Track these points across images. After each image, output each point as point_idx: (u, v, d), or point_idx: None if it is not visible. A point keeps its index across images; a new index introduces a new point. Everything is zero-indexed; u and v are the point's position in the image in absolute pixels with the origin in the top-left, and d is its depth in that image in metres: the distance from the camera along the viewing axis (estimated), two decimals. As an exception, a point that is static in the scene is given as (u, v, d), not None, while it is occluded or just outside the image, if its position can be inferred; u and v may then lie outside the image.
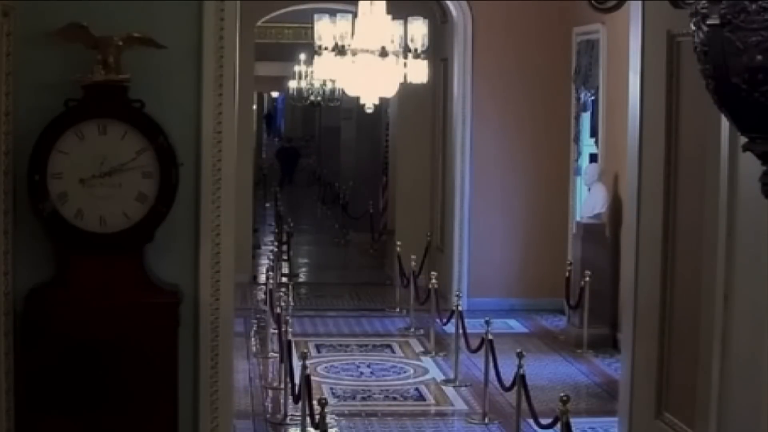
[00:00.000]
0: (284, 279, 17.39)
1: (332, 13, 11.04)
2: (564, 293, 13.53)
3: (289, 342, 10.39)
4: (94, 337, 6.23)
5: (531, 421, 9.10)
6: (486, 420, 10.36)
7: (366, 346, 13.10)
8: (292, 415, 10.33)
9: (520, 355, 9.19)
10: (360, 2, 10.81)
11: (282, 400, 10.69)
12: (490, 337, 10.47)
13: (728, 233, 6.72)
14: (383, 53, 10.57)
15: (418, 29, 10.77)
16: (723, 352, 6.78)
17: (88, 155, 6.31)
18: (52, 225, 6.32)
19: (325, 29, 10.69)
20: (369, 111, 11.22)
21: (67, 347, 6.22)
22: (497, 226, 15.17)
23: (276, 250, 18.54)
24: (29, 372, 6.26)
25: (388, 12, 10.73)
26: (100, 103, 6.33)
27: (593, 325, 12.94)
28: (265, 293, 13.90)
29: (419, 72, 10.99)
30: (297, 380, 9.55)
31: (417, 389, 11.62)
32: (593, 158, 14.13)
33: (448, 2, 15.34)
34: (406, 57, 10.80)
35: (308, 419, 8.99)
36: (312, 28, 11.07)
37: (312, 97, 26.67)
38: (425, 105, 16.87)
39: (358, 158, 25.25)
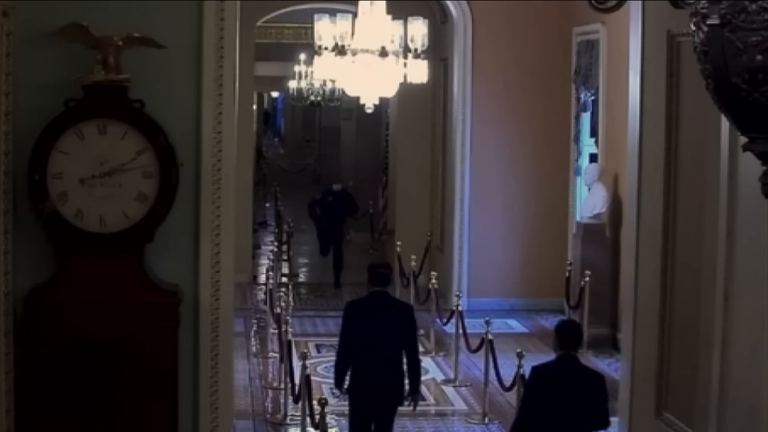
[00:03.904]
0: (284, 279, 17.39)
1: (332, 13, 11.04)
2: (564, 293, 13.53)
3: (289, 342, 10.40)
4: (94, 337, 6.22)
5: (531, 421, 9.10)
6: (486, 420, 10.37)
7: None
8: (292, 415, 10.33)
9: (520, 355, 9.19)
10: (360, 2, 10.80)
11: (282, 400, 10.69)
12: (490, 337, 10.48)
13: (728, 233, 6.73)
14: (383, 53, 10.56)
15: (418, 29, 10.77)
16: (723, 352, 6.78)
17: (88, 155, 6.31)
18: (52, 225, 6.32)
19: (325, 29, 10.68)
20: (369, 111, 11.22)
21: (67, 347, 6.22)
22: (497, 226, 15.17)
23: (276, 250, 18.54)
24: (29, 372, 6.26)
25: (388, 12, 10.72)
26: (100, 103, 6.32)
27: (593, 325, 12.94)
28: (265, 293, 13.90)
29: (419, 72, 10.98)
30: (297, 380, 9.55)
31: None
32: (593, 158, 14.14)
33: (448, 2, 15.34)
34: (406, 57, 10.79)
35: (308, 419, 8.99)
36: (312, 28, 11.07)
37: (312, 97, 26.66)
38: (425, 105, 16.87)
39: (358, 158, 25.23)
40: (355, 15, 10.80)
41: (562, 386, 6.82)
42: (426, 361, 12.65)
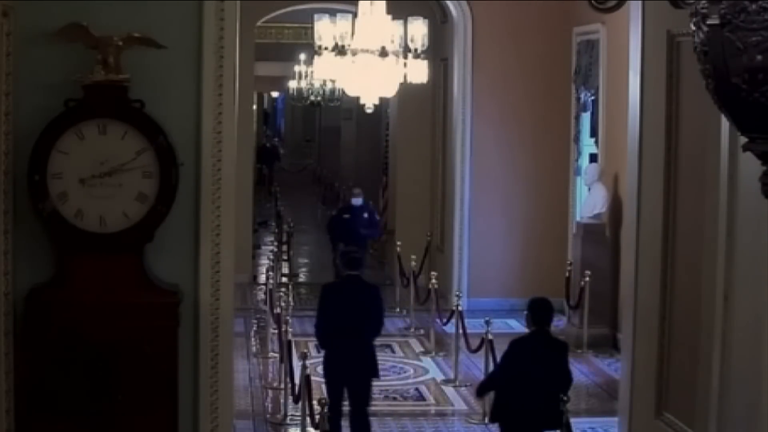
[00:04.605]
0: (284, 279, 17.39)
1: (332, 13, 11.05)
2: (564, 293, 13.53)
3: (289, 342, 10.40)
4: (94, 337, 6.22)
5: (531, 421, 9.10)
6: (486, 420, 10.36)
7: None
8: (292, 415, 10.34)
9: (520, 355, 9.18)
10: (360, 2, 10.81)
11: (282, 400, 10.69)
12: (490, 337, 10.49)
13: (728, 233, 6.72)
14: (383, 53, 10.57)
15: (418, 29, 10.77)
16: (723, 352, 6.78)
17: (88, 155, 6.30)
18: (52, 225, 6.31)
19: (325, 29, 10.69)
20: (369, 111, 11.23)
21: (67, 347, 6.22)
22: (497, 226, 15.17)
23: (276, 250, 18.54)
24: (29, 372, 6.26)
25: (388, 12, 10.73)
26: (100, 103, 6.32)
27: (593, 325, 12.94)
28: (265, 293, 13.91)
29: (419, 72, 10.99)
30: (297, 380, 9.55)
31: (417, 389, 11.62)
32: (593, 158, 14.14)
33: (448, 2, 15.34)
34: (406, 57, 10.80)
35: (308, 419, 8.99)
36: (312, 28, 11.08)
37: (312, 97, 26.67)
38: (425, 105, 16.87)
39: (358, 158, 25.25)
40: (355, 15, 10.81)
41: (535, 357, 7.75)
42: (426, 361, 12.68)
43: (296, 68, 25.34)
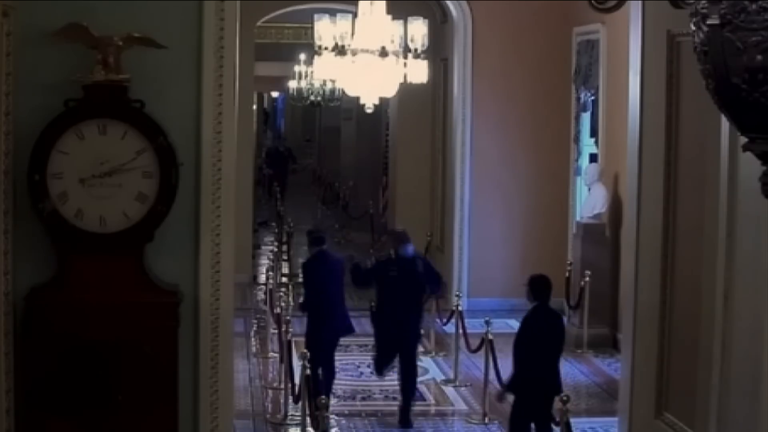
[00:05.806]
0: (284, 279, 17.39)
1: (332, 13, 11.05)
2: (564, 293, 13.53)
3: (289, 342, 10.41)
4: (94, 337, 6.22)
5: (531, 421, 9.10)
6: (486, 420, 10.37)
7: (366, 346, 13.06)
8: (292, 415, 10.34)
9: (520, 355, 9.18)
10: (360, 2, 10.81)
11: (282, 400, 10.69)
12: (490, 337, 10.49)
13: (728, 233, 6.72)
14: (383, 53, 10.57)
15: (418, 29, 10.77)
16: (723, 352, 6.78)
17: (88, 155, 6.30)
18: (52, 225, 6.31)
19: (325, 29, 10.69)
20: (369, 111, 11.23)
21: (67, 347, 6.21)
22: (497, 226, 15.17)
23: (276, 250, 18.53)
24: (29, 372, 6.25)
25: (388, 12, 10.73)
26: (100, 103, 6.32)
27: (593, 325, 12.95)
28: (265, 293, 13.91)
29: (419, 72, 10.99)
30: (297, 380, 9.55)
31: (417, 389, 11.63)
32: (593, 158, 14.14)
33: (448, 2, 15.34)
34: (406, 57, 10.80)
35: (308, 419, 8.99)
36: (312, 28, 11.08)
37: (312, 97, 26.65)
38: (425, 105, 16.87)
39: (358, 158, 25.24)
40: (355, 15, 10.81)
41: (537, 329, 8.59)
42: (426, 361, 12.68)
43: (296, 68, 25.33)
